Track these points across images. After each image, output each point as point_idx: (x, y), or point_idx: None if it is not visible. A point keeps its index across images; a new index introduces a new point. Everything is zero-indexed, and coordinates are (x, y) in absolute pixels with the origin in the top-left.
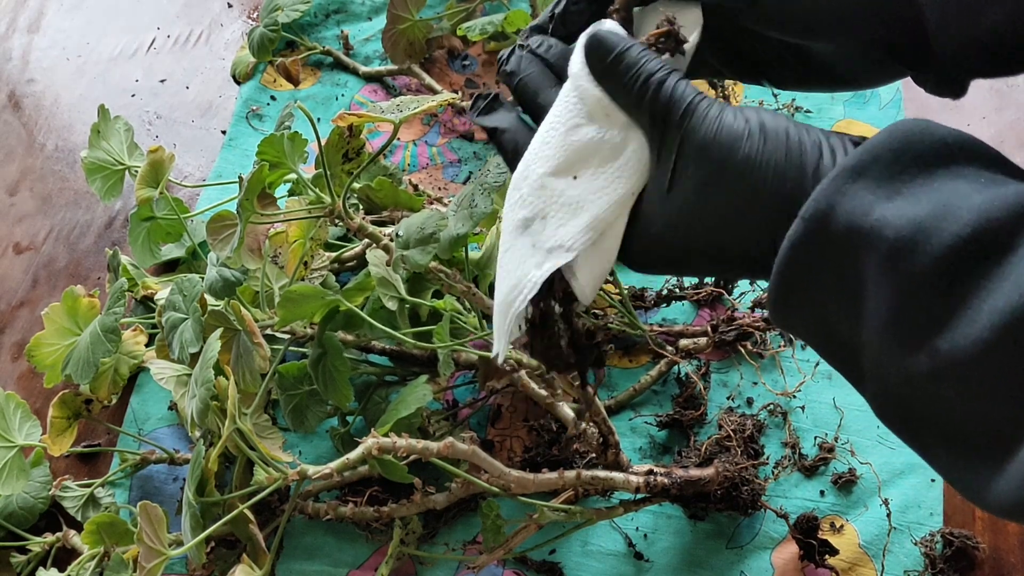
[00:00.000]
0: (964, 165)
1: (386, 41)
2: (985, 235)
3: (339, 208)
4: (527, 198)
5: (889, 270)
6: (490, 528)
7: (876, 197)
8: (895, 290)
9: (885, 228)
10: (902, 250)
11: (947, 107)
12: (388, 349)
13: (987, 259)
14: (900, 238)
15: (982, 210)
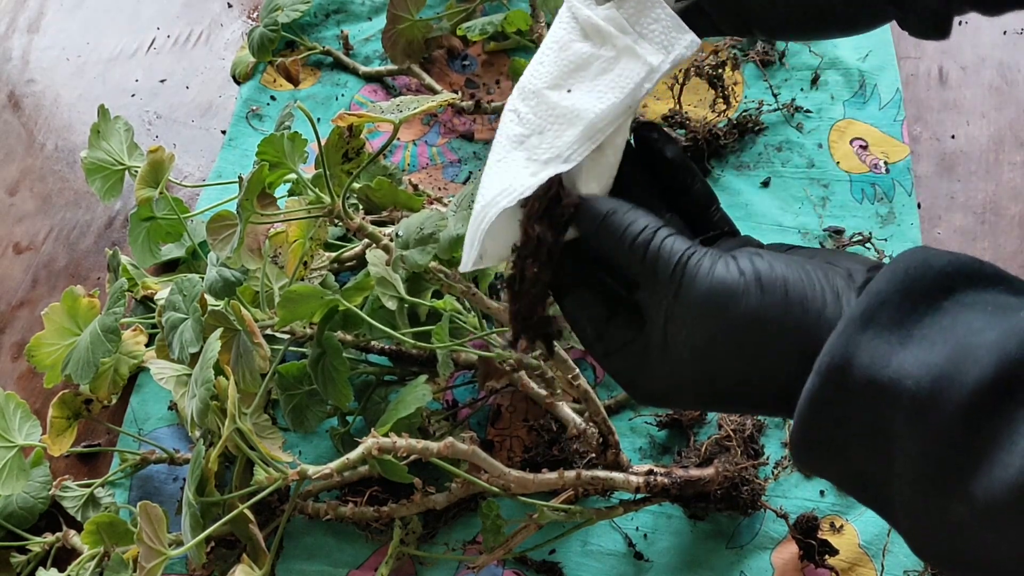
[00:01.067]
0: (966, 291)
1: (386, 41)
2: (1007, 375)
3: (339, 208)
4: (524, 114)
5: (915, 422)
6: (490, 528)
7: (890, 345)
8: (923, 440)
9: (905, 379)
10: (926, 401)
11: (947, 107)
12: (387, 349)
13: (1012, 399)
14: (921, 389)
15: (1000, 349)
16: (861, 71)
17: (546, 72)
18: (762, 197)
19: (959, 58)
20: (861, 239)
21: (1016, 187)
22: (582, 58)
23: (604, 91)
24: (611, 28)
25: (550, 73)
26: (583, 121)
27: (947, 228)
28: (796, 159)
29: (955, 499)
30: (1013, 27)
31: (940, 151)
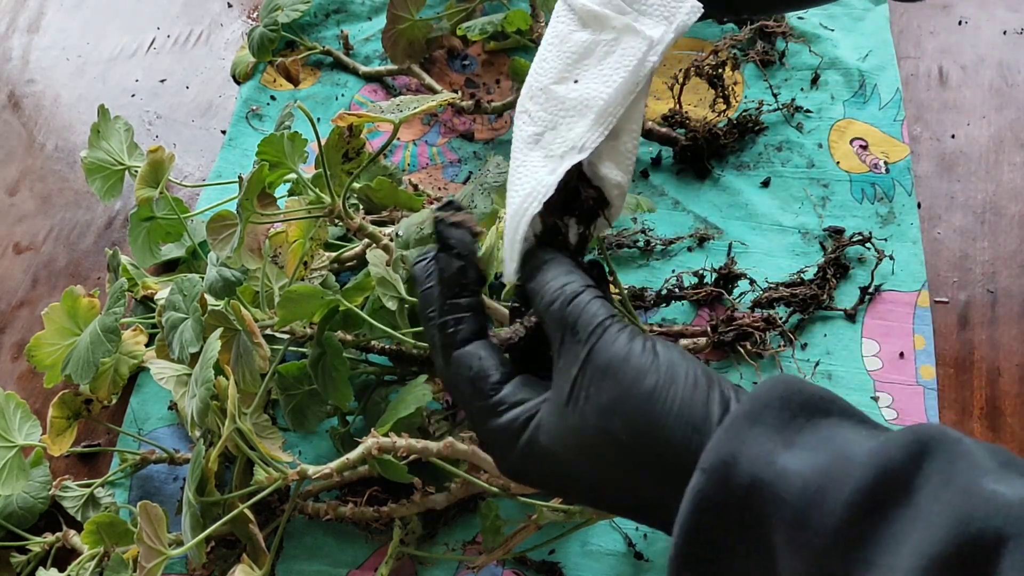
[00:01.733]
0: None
1: (386, 41)
2: (888, 477)
3: (339, 208)
4: (535, 113)
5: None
6: (490, 528)
7: (775, 444)
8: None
9: (791, 477)
10: (811, 501)
11: (947, 107)
12: (387, 349)
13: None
14: (807, 488)
15: (878, 453)
16: (861, 71)
17: (550, 68)
18: (762, 197)
19: (959, 58)
20: (861, 239)
21: (1016, 187)
22: (583, 47)
23: (610, 75)
24: (607, 11)
25: (554, 68)
26: (593, 109)
27: (947, 228)
28: (796, 159)
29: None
30: (1013, 27)
31: (940, 151)
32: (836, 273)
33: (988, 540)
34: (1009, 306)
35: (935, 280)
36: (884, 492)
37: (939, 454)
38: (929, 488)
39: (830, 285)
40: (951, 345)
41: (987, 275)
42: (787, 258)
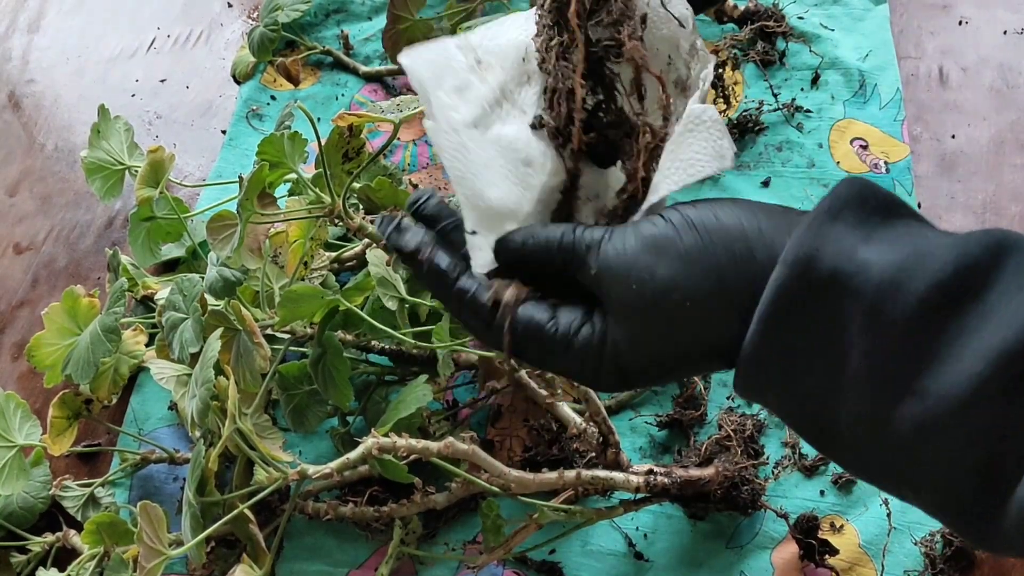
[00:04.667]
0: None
1: (386, 41)
2: (966, 272)
3: (339, 208)
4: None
5: (875, 313)
6: (490, 528)
7: (855, 239)
8: (881, 333)
9: (870, 269)
10: (887, 292)
11: (947, 107)
12: (388, 349)
13: (970, 296)
14: (884, 280)
15: (956, 248)
16: (861, 71)
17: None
18: (762, 197)
19: (959, 59)
20: None
21: (1016, 188)
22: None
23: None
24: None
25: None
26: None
27: (947, 228)
28: (796, 159)
29: (909, 395)
30: (1013, 27)
31: (940, 151)
32: None
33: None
34: None
35: None
36: (958, 288)
37: (1016, 256)
38: (1003, 287)
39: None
40: None
41: None
42: None
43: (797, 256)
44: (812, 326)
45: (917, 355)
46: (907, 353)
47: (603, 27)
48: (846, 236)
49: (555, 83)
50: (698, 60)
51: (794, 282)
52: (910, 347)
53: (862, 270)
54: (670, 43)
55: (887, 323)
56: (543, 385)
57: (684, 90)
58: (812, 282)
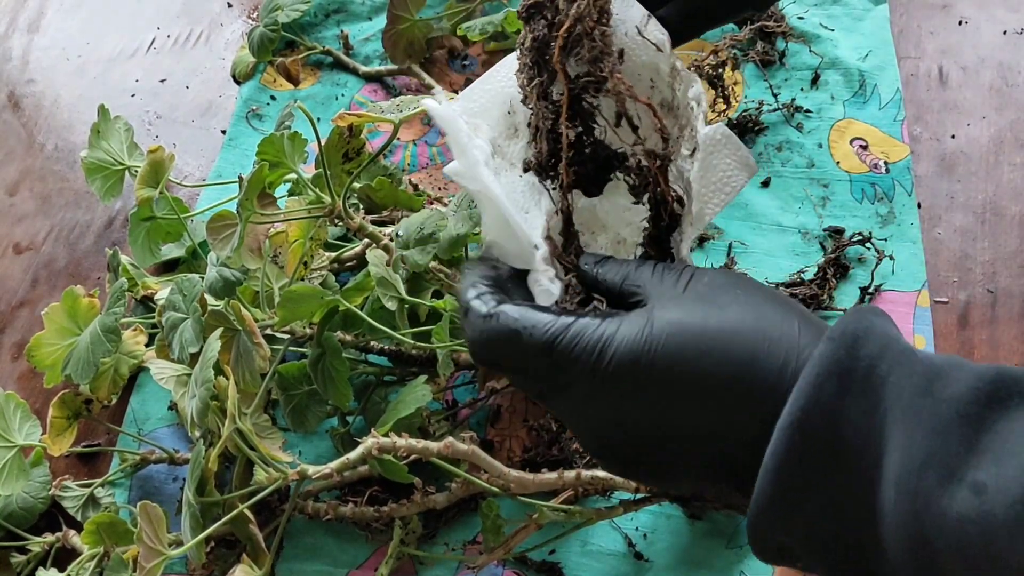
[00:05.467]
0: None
1: (386, 41)
2: (1008, 379)
3: (339, 208)
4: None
5: (924, 393)
6: (490, 528)
7: (899, 334)
8: (928, 420)
9: (917, 354)
10: (938, 376)
11: (947, 107)
12: (387, 349)
13: (1010, 401)
14: (933, 365)
15: (996, 368)
16: (861, 71)
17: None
18: (762, 197)
19: (959, 58)
20: (861, 239)
21: (1016, 187)
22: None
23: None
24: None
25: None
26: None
27: (947, 228)
28: (796, 159)
29: (959, 491)
30: (1013, 27)
31: (940, 151)
32: (836, 273)
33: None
34: (1009, 306)
35: (935, 280)
36: (1004, 388)
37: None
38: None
39: (830, 285)
40: (951, 345)
41: (987, 275)
42: (787, 258)
43: (844, 333)
44: (855, 410)
45: (968, 446)
46: (957, 441)
47: (582, 63)
48: (892, 328)
49: (537, 121)
50: (680, 80)
51: (842, 353)
52: (960, 436)
53: (910, 352)
54: (650, 68)
55: (937, 404)
56: None
57: (671, 110)
58: (860, 356)
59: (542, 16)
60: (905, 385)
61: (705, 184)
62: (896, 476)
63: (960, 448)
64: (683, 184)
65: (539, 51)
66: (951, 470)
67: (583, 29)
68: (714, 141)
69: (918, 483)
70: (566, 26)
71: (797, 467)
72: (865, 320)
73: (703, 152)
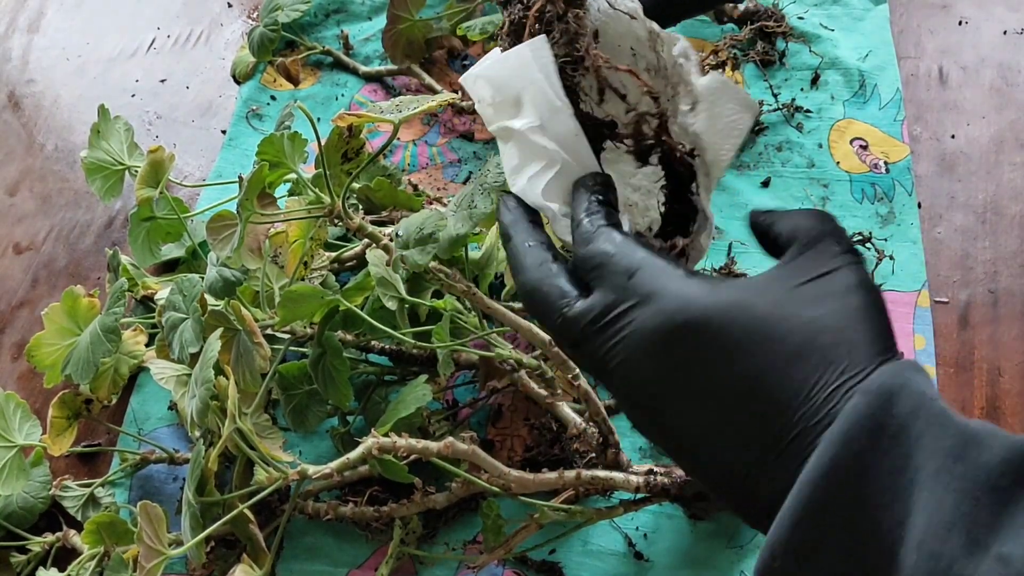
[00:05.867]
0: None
1: (386, 41)
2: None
3: (339, 208)
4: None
5: (957, 457)
6: (490, 528)
7: (937, 394)
8: (961, 483)
9: (953, 416)
10: (971, 440)
11: (947, 107)
12: (388, 349)
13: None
14: (968, 429)
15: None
16: (861, 71)
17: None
18: (762, 197)
19: (959, 58)
20: (861, 239)
21: (1016, 187)
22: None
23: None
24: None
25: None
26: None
27: (947, 228)
28: (796, 159)
29: (988, 557)
30: (1013, 27)
31: (940, 151)
32: None
33: None
34: (1010, 306)
35: (935, 280)
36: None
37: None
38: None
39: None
40: (951, 345)
41: (988, 275)
42: None
43: (879, 388)
44: (884, 466)
45: (997, 516)
46: (987, 511)
47: (559, 45)
48: (930, 388)
49: None
50: (662, 42)
51: (876, 409)
52: (990, 505)
53: (944, 414)
54: (629, 37)
55: (969, 469)
56: (543, 385)
57: (658, 72)
58: (893, 413)
59: (519, 1)
60: (938, 448)
61: (714, 132)
62: (920, 538)
63: (990, 519)
64: (689, 138)
65: (516, 35)
66: (978, 538)
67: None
68: (713, 90)
69: (942, 547)
70: (535, 8)
71: (819, 519)
72: (901, 376)
73: (706, 103)
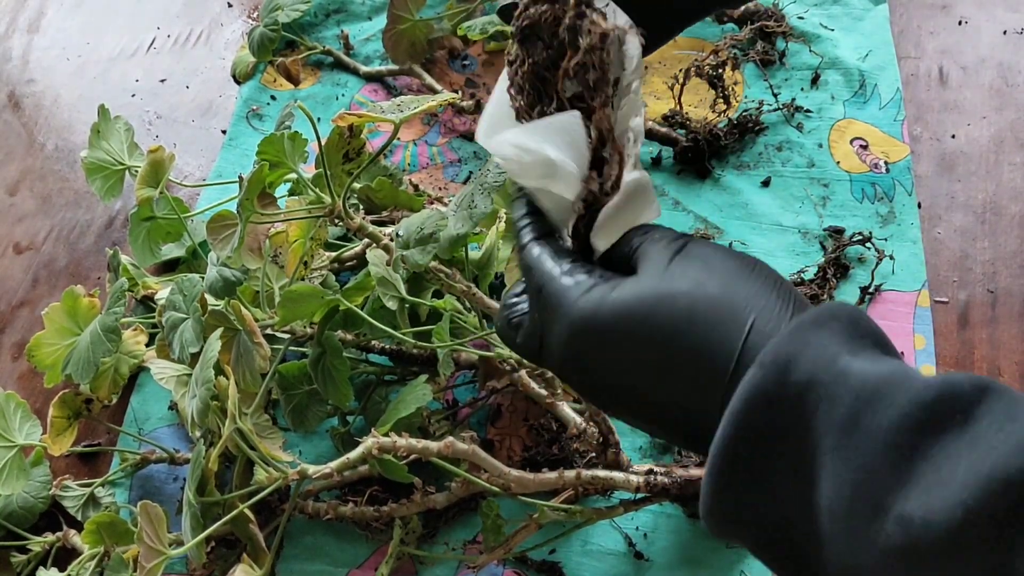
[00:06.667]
0: (899, 359)
1: (386, 41)
2: (951, 397)
3: (339, 208)
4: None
5: (852, 424)
6: (490, 528)
7: (839, 349)
8: (857, 448)
9: (850, 379)
10: (865, 405)
11: (947, 107)
12: (388, 349)
13: (955, 422)
14: (865, 390)
15: (943, 377)
16: (861, 71)
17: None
18: (762, 197)
19: (959, 58)
20: (861, 239)
21: (1016, 187)
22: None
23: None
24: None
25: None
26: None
27: (947, 228)
28: (796, 159)
29: (889, 520)
30: (1013, 27)
31: (940, 151)
32: (836, 273)
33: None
34: (1009, 306)
35: (935, 280)
36: (944, 411)
37: (1002, 394)
38: (992, 418)
39: (830, 285)
40: (951, 345)
41: (987, 275)
42: (787, 258)
43: (775, 359)
44: (785, 433)
45: (897, 476)
46: (886, 473)
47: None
48: (829, 345)
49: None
50: (629, 102)
51: (769, 383)
52: (889, 466)
53: (840, 378)
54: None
55: (864, 437)
56: (543, 385)
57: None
58: (788, 385)
59: (539, 39)
60: (833, 421)
61: (613, 218)
62: (829, 509)
63: (890, 479)
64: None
65: (538, 75)
66: (879, 503)
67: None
68: (634, 189)
69: (848, 519)
70: (576, 60)
71: (731, 494)
72: (800, 340)
73: (622, 196)
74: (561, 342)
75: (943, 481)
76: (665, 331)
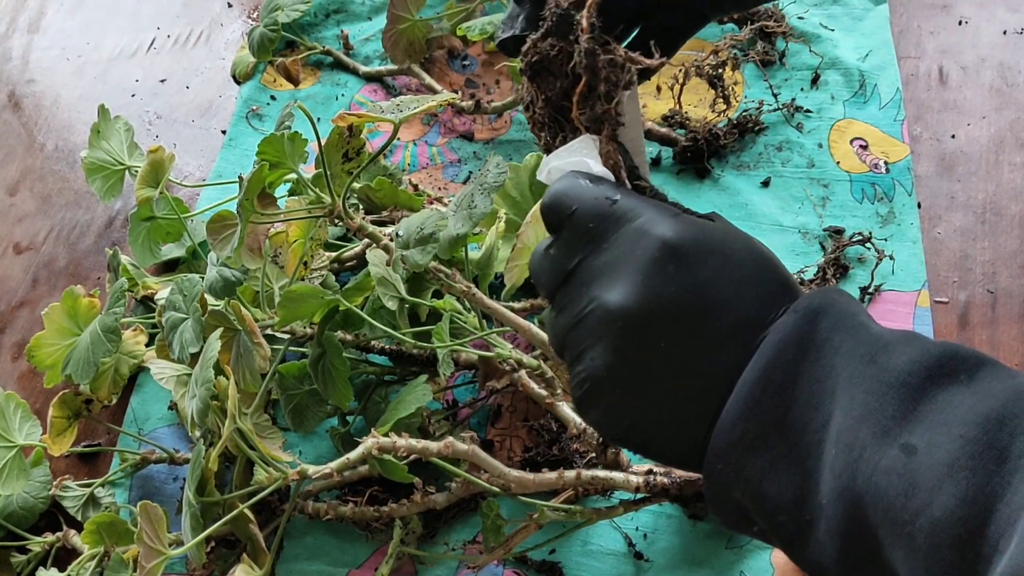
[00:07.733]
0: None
1: (386, 41)
2: (956, 358)
3: (339, 208)
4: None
5: (869, 361)
6: (490, 528)
7: (860, 311)
8: (869, 382)
9: (871, 327)
10: (883, 348)
11: (947, 107)
12: (388, 349)
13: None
14: (882, 339)
15: (953, 343)
16: (861, 71)
17: None
18: (762, 197)
19: (959, 58)
20: (861, 239)
21: (1016, 187)
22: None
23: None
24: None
25: None
26: None
27: (947, 228)
28: (796, 159)
29: (894, 447)
30: (1013, 27)
31: (940, 151)
32: (836, 273)
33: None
34: (1009, 306)
35: (935, 280)
36: (951, 365)
37: (1002, 366)
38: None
39: (830, 285)
40: None
41: (987, 275)
42: (787, 258)
43: (807, 308)
44: (811, 369)
45: (903, 413)
46: (894, 408)
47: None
48: (852, 304)
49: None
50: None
51: (803, 325)
52: (898, 402)
53: (862, 327)
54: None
55: (879, 370)
56: (543, 385)
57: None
58: (818, 329)
59: (550, 73)
60: (854, 354)
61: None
62: (837, 433)
63: (897, 412)
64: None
65: (555, 108)
66: (885, 430)
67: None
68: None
69: (854, 438)
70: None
71: (756, 417)
72: (828, 297)
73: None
74: (648, 256)
75: (946, 422)
76: (740, 255)
